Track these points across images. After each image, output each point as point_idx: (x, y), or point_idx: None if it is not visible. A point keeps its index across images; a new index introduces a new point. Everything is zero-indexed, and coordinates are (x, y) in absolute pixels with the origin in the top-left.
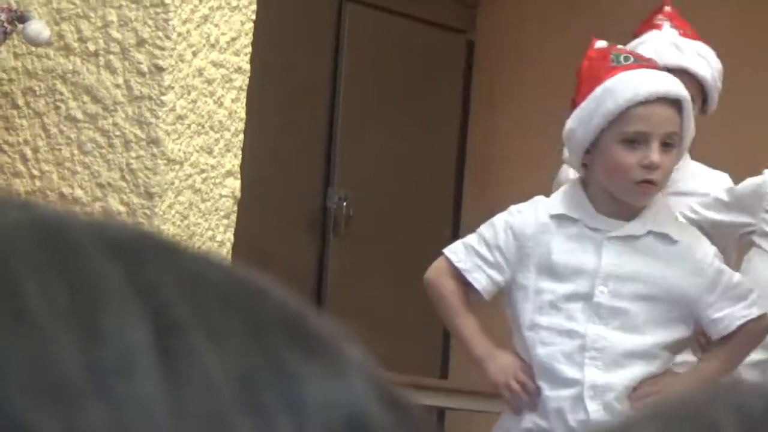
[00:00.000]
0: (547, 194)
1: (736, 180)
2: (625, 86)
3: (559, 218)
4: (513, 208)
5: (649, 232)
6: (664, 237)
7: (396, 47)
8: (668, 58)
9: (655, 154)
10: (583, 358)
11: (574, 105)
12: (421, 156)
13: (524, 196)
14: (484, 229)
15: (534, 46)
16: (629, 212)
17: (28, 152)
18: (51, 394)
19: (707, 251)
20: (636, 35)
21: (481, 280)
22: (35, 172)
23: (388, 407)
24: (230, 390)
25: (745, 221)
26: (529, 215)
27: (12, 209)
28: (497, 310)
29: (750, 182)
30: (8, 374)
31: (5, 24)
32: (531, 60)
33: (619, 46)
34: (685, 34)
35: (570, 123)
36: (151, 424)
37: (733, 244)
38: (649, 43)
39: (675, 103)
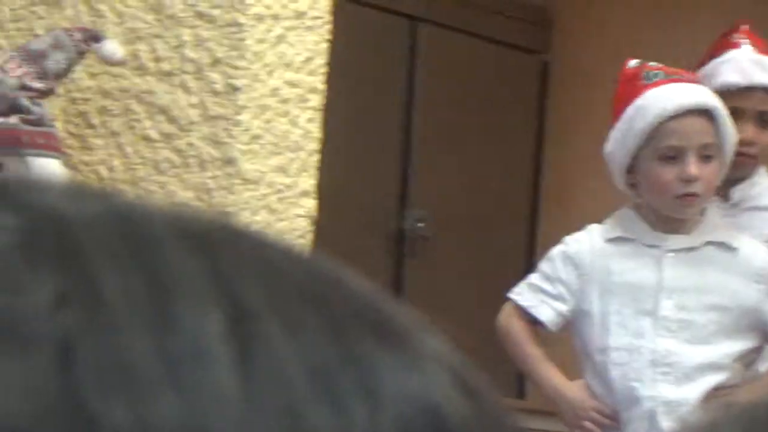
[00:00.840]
0: None
1: None
2: (654, 102)
3: (615, 241)
4: (567, 238)
5: (708, 242)
6: (723, 245)
7: (471, 68)
8: (755, 76)
9: (691, 167)
10: (654, 374)
11: (612, 127)
12: (497, 177)
13: (600, 217)
14: (543, 264)
15: (609, 67)
16: (683, 226)
17: (104, 172)
18: (122, 382)
19: (766, 258)
20: (712, 55)
21: (546, 312)
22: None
23: (466, 398)
24: (305, 380)
25: None
26: (584, 243)
27: (91, 199)
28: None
29: None
30: (80, 362)
31: (80, 44)
32: (606, 80)
33: (651, 63)
34: (762, 52)
35: (608, 146)
36: (224, 413)
37: None
38: (733, 62)
39: (706, 113)
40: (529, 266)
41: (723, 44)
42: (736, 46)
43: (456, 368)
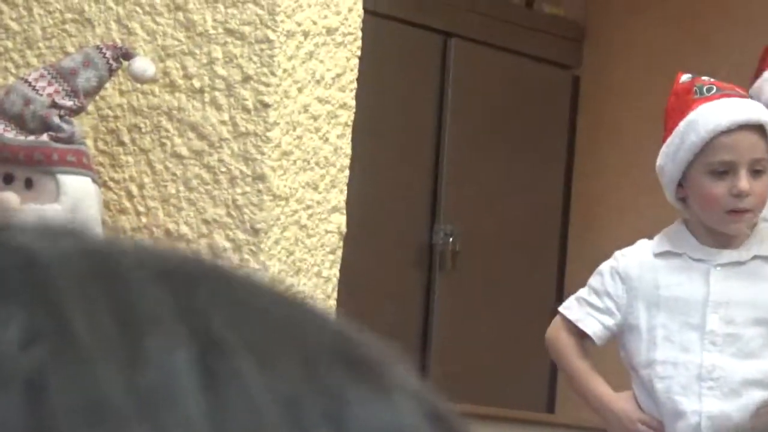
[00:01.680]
0: (653, 227)
1: None
2: (707, 117)
3: (663, 255)
4: (617, 253)
5: (755, 257)
6: None
7: (501, 82)
8: None
9: (743, 182)
10: (700, 389)
11: (664, 139)
12: (527, 192)
13: (630, 233)
14: (592, 279)
15: (641, 82)
16: (731, 241)
17: (134, 189)
18: (94, 419)
19: None
20: (759, 73)
21: (592, 326)
22: (141, 209)
23: (436, 429)
24: (274, 411)
25: None
26: (633, 257)
27: (62, 237)
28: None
29: None
30: (51, 399)
31: (111, 61)
32: (638, 96)
33: (704, 78)
34: None
35: (659, 160)
36: None
37: None
38: None
39: (758, 128)
40: (560, 281)
41: None
42: None
43: (426, 399)
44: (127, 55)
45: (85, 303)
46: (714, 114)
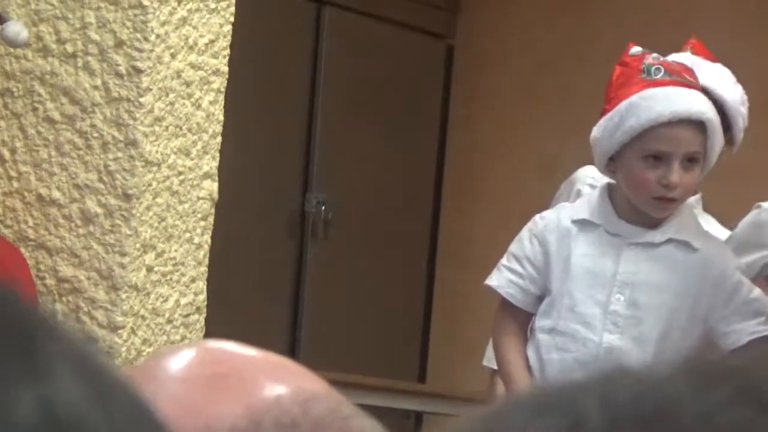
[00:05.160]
0: (526, 199)
1: None
2: (650, 105)
3: (581, 223)
4: (536, 216)
5: (669, 240)
6: (685, 245)
7: (375, 51)
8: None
9: (674, 175)
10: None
11: (604, 111)
12: (400, 161)
13: (503, 202)
14: (512, 246)
15: (515, 53)
16: (652, 221)
17: (6, 153)
18: None
19: (728, 263)
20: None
21: (515, 294)
22: (13, 174)
23: (93, 397)
24: None
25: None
26: (551, 221)
27: None
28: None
29: (745, 222)
30: None
31: None
32: (512, 66)
33: (654, 55)
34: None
35: (595, 131)
36: None
37: None
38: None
39: (698, 123)
40: (431, 252)
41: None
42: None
43: (88, 367)
44: (0, 19)
45: None
46: (657, 103)
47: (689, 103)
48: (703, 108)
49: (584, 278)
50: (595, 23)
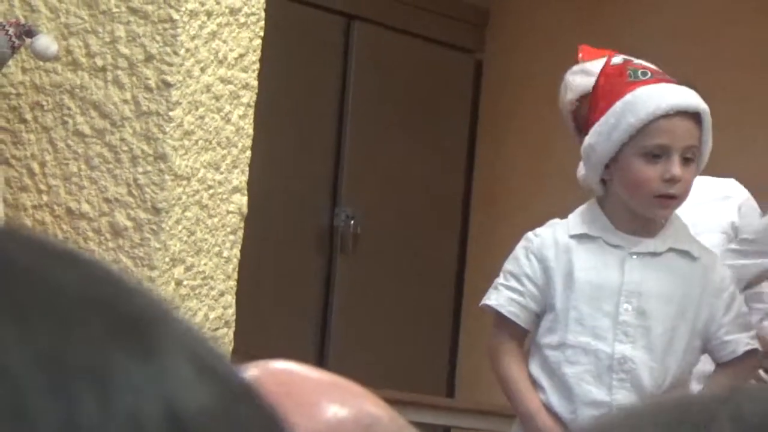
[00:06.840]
0: (555, 213)
1: None
2: (647, 100)
3: (580, 237)
4: (529, 234)
5: (670, 249)
6: (685, 254)
7: (404, 66)
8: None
9: (676, 168)
10: (611, 380)
11: (590, 122)
12: (429, 175)
13: (531, 215)
14: (507, 264)
15: (543, 66)
16: (648, 230)
17: (36, 167)
18: None
19: (725, 274)
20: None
21: (516, 312)
22: (42, 187)
23: (208, 387)
24: (33, 375)
25: None
26: (547, 237)
27: None
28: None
29: (760, 224)
30: None
31: (13, 38)
32: (540, 80)
33: (636, 61)
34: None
35: (589, 139)
36: None
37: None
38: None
39: (695, 116)
40: (460, 265)
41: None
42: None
43: (202, 358)
44: (30, 33)
45: None
46: (653, 97)
47: (684, 95)
48: (698, 100)
49: (590, 291)
50: (624, 39)
